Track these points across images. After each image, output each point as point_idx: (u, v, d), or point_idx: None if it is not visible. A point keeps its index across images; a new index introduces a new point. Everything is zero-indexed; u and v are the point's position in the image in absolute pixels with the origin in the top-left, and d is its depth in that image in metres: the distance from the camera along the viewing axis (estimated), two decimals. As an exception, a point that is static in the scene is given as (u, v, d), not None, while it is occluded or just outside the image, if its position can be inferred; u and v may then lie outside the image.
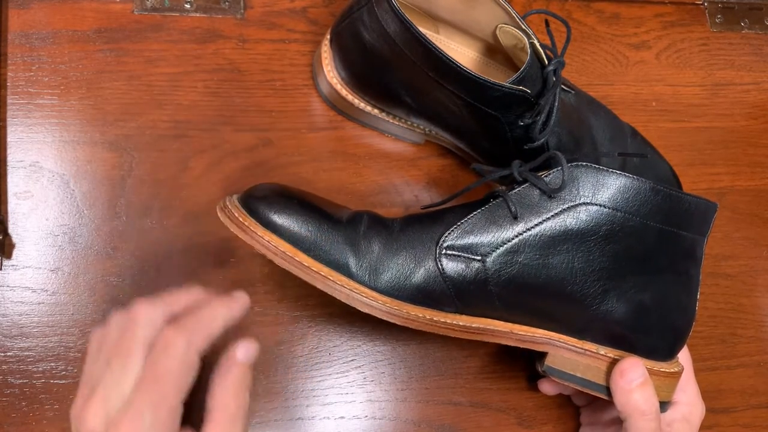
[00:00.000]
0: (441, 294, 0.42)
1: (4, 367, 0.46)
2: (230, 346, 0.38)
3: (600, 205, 0.41)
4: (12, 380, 0.46)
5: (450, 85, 0.45)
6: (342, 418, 0.49)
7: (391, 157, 0.55)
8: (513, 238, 0.42)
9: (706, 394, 0.49)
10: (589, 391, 0.45)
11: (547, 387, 0.50)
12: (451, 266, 0.42)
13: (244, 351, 0.38)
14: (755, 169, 0.63)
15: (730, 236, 0.60)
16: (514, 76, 0.44)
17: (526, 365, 0.52)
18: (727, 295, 0.59)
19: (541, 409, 0.52)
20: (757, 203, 0.62)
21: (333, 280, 0.41)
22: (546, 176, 0.42)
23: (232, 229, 0.42)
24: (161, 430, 0.34)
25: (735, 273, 0.59)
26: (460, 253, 0.42)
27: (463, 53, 0.53)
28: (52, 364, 0.46)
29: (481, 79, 0.44)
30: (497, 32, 0.49)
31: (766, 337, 0.58)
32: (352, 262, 0.41)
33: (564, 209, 0.41)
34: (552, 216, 0.42)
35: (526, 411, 0.52)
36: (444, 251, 0.42)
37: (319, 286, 0.41)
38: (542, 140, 0.47)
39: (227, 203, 0.43)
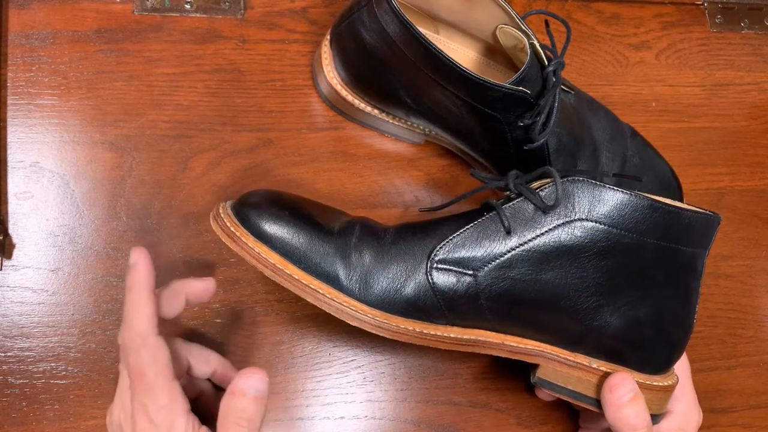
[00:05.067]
0: (432, 307, 0.42)
1: (4, 367, 0.46)
2: (238, 373, 0.39)
3: (596, 222, 0.41)
4: (12, 380, 0.46)
5: (450, 85, 0.45)
6: (342, 418, 0.49)
7: (391, 157, 0.55)
8: (506, 253, 0.41)
9: (706, 394, 0.49)
10: (580, 404, 0.45)
11: (544, 394, 0.50)
12: (441, 280, 0.41)
13: (245, 381, 0.38)
14: (755, 169, 0.63)
15: (730, 236, 0.60)
16: (514, 77, 0.44)
17: (525, 366, 0.52)
18: (727, 296, 0.59)
19: (541, 410, 0.52)
20: (757, 203, 0.62)
21: (323, 294, 0.41)
22: (542, 190, 0.41)
23: (223, 239, 0.42)
24: (169, 410, 0.37)
25: (734, 273, 0.59)
26: (451, 267, 0.41)
27: (463, 54, 0.53)
28: (53, 364, 0.46)
29: (481, 79, 0.44)
30: (497, 33, 0.49)
31: (765, 337, 0.58)
32: (342, 275, 0.41)
33: (558, 225, 0.41)
34: (546, 231, 0.41)
35: (525, 411, 0.52)
36: (436, 265, 0.41)
37: (309, 299, 0.41)
38: (542, 141, 0.47)
39: (220, 211, 0.43)
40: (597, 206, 0.41)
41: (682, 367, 0.47)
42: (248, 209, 0.42)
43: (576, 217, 0.41)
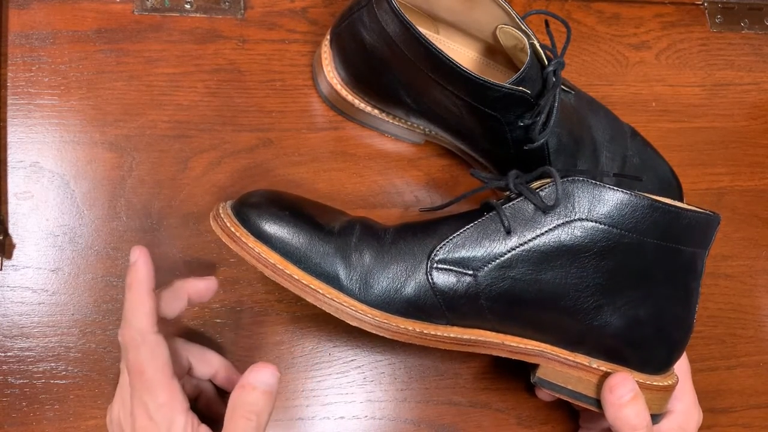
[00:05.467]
0: (432, 307, 0.42)
1: (4, 367, 0.46)
2: (249, 367, 0.39)
3: (596, 222, 0.41)
4: (12, 380, 0.46)
5: (450, 85, 0.45)
6: (342, 418, 0.49)
7: (391, 157, 0.55)
8: (506, 253, 0.41)
9: (706, 394, 0.49)
10: (580, 404, 0.45)
11: (544, 394, 0.50)
12: (442, 280, 0.41)
13: (255, 375, 0.39)
14: (755, 169, 0.63)
15: (730, 236, 0.60)
16: (514, 77, 0.45)
17: (525, 366, 0.52)
18: (727, 296, 0.59)
19: (541, 410, 0.52)
20: (757, 203, 0.62)
21: (323, 294, 0.41)
22: (542, 190, 0.41)
23: (223, 239, 0.42)
24: (169, 408, 0.38)
25: (734, 273, 0.59)
26: (451, 267, 0.41)
27: (463, 54, 0.53)
28: (53, 364, 0.46)
29: (481, 79, 0.44)
30: (497, 33, 0.49)
31: (765, 337, 0.58)
32: (342, 275, 0.41)
33: (558, 225, 0.41)
34: (546, 231, 0.41)
35: (525, 411, 0.52)
36: (436, 264, 0.41)
37: (309, 299, 0.41)
38: (542, 141, 0.47)
39: (220, 211, 0.43)
40: (597, 206, 0.41)
41: (682, 367, 0.47)
42: (248, 209, 0.42)
43: (576, 217, 0.41)
